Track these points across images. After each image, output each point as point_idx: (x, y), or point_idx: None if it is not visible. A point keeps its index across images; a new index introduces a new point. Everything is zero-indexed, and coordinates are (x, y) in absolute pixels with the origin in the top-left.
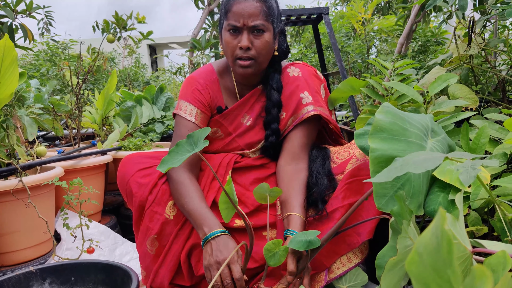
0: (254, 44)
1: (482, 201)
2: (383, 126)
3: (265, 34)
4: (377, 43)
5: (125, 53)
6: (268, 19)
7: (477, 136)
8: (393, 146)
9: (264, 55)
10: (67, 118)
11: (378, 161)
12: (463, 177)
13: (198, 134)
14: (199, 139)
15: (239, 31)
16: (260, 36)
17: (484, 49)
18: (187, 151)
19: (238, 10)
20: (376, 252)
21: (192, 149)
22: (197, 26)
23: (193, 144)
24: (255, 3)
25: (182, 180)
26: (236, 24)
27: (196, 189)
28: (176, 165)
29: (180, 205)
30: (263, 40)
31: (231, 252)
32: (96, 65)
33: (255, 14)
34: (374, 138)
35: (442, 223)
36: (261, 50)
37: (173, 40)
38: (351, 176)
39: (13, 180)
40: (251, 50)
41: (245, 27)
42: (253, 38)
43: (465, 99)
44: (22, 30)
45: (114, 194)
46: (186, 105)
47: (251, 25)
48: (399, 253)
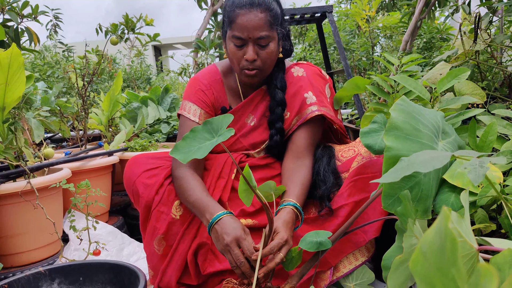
0: (259, 55)
1: (489, 198)
2: (397, 124)
3: (270, 44)
4: (382, 41)
5: (132, 55)
6: (273, 28)
7: (485, 133)
8: (407, 146)
9: (269, 64)
10: (74, 119)
11: (392, 161)
12: (471, 176)
13: (219, 121)
14: (220, 126)
15: (244, 42)
16: (265, 47)
17: (490, 45)
18: (205, 138)
19: (243, 22)
20: (383, 250)
21: (211, 137)
22: (201, 27)
23: (213, 132)
24: (259, 14)
25: (184, 175)
26: (241, 36)
27: (198, 183)
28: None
29: (184, 199)
30: (268, 51)
31: (237, 231)
32: (101, 67)
33: (260, 25)
34: (389, 136)
35: (445, 221)
36: (267, 60)
37: (178, 40)
38: (356, 174)
39: (22, 182)
40: (257, 61)
41: (250, 40)
42: (259, 49)
43: (472, 95)
44: (27, 33)
45: (121, 195)
46: (190, 105)
47: (256, 37)
48: (405, 252)
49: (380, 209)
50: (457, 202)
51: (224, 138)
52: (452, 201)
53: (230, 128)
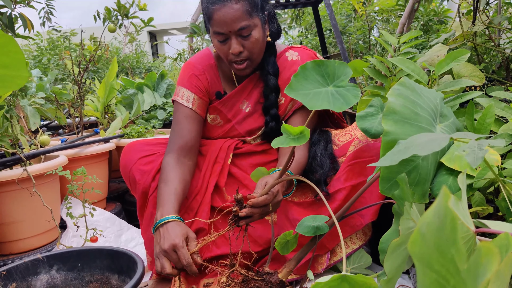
0: (244, 45)
1: (486, 181)
2: (395, 108)
3: (253, 32)
4: (379, 24)
5: (126, 41)
6: (253, 15)
7: (483, 116)
8: (405, 130)
9: (258, 52)
10: (70, 107)
11: (390, 145)
12: (469, 158)
13: (334, 66)
14: (337, 74)
15: (227, 37)
16: (249, 37)
17: (488, 27)
18: (317, 82)
19: (219, 17)
20: (380, 234)
21: (326, 84)
22: (196, 11)
23: (327, 78)
24: (234, 6)
25: (167, 165)
26: (221, 31)
27: (175, 175)
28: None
29: (158, 187)
30: (252, 40)
31: (177, 238)
32: (98, 54)
33: (237, 17)
34: (387, 120)
35: (445, 201)
36: (253, 49)
37: (173, 26)
38: (353, 158)
39: (18, 170)
40: (243, 53)
41: (231, 33)
42: (242, 40)
43: (470, 77)
44: (21, 19)
45: (119, 181)
46: (183, 91)
47: (236, 29)
48: (402, 234)
49: (377, 193)
50: (455, 185)
51: (343, 88)
52: (450, 184)
53: (354, 87)
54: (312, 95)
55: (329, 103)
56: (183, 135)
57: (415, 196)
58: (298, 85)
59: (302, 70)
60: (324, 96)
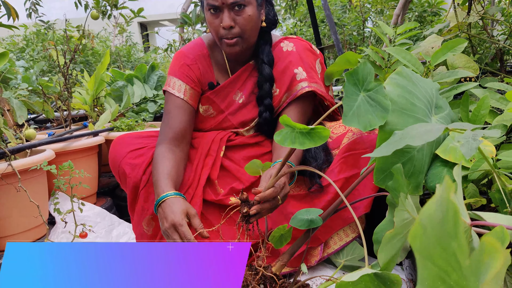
0: (236, 21)
1: (481, 173)
2: (393, 99)
3: (246, 8)
4: (373, 15)
5: (116, 32)
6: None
7: (478, 107)
8: (402, 120)
9: (250, 30)
10: (57, 99)
11: (387, 136)
12: (464, 149)
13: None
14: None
15: (219, 9)
16: (241, 12)
17: (482, 18)
18: (355, 94)
19: None
20: (374, 226)
21: (359, 91)
22: (187, 1)
23: (358, 85)
24: None
25: (159, 154)
26: (214, 3)
27: (167, 161)
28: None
29: (152, 177)
30: (245, 16)
31: (176, 215)
32: (83, 43)
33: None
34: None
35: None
36: (245, 26)
37: (164, 17)
38: (347, 150)
39: (2, 164)
40: (234, 28)
41: (224, 5)
42: (235, 15)
43: (465, 68)
44: (5, 7)
45: (109, 176)
46: (174, 80)
47: (229, 2)
48: (396, 226)
49: (371, 185)
50: (450, 176)
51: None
52: (444, 176)
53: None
54: (357, 111)
55: (373, 115)
56: (175, 126)
57: (410, 187)
58: (347, 107)
59: (344, 88)
60: (364, 108)
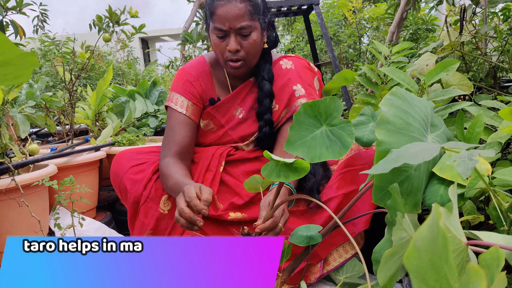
0: (242, 45)
1: (477, 191)
2: (387, 118)
3: (252, 34)
4: (369, 32)
5: (118, 47)
6: (254, 18)
7: (472, 125)
8: (398, 140)
9: (254, 54)
10: (60, 114)
11: (384, 155)
12: (460, 169)
13: (325, 103)
14: (331, 111)
15: (226, 34)
16: (247, 37)
17: (475, 36)
18: (313, 126)
19: (223, 13)
20: (373, 242)
21: (320, 124)
22: (188, 19)
23: (320, 118)
24: (238, 4)
25: (167, 164)
26: (222, 28)
27: (179, 168)
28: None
29: (166, 187)
30: (251, 41)
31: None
32: (91, 62)
33: (240, 15)
34: (380, 129)
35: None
36: (250, 50)
37: (165, 32)
38: (345, 166)
39: (6, 180)
40: (240, 52)
41: (231, 30)
42: (241, 40)
43: (459, 86)
44: (13, 26)
45: (109, 190)
46: (177, 97)
47: (237, 27)
48: (394, 245)
49: (370, 201)
50: (446, 194)
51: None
52: (441, 194)
53: (346, 121)
54: (310, 142)
55: (328, 149)
56: (178, 141)
57: (407, 206)
58: (295, 135)
59: (296, 117)
60: (320, 141)
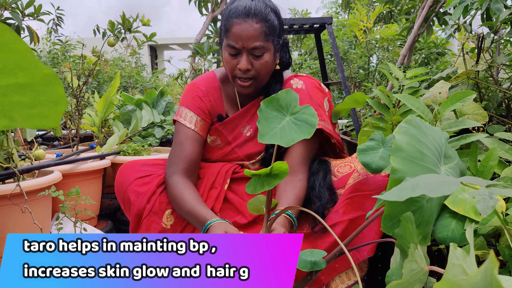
0: (253, 65)
1: (491, 228)
2: (402, 146)
3: (264, 55)
4: (379, 52)
5: (127, 53)
6: (268, 39)
7: (486, 158)
8: (412, 169)
9: (264, 75)
10: (67, 119)
11: (398, 183)
12: (480, 207)
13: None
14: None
15: (239, 52)
16: (259, 58)
17: (491, 66)
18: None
19: (238, 31)
20: (377, 268)
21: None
22: (200, 32)
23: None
24: (254, 25)
25: (177, 184)
26: (235, 45)
27: (192, 191)
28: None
29: (178, 208)
30: (262, 62)
31: (227, 228)
32: (97, 68)
33: (255, 36)
34: (395, 157)
35: (492, 267)
36: (261, 70)
37: (174, 41)
38: (352, 191)
39: (11, 185)
40: (251, 71)
41: (244, 49)
42: (253, 60)
43: (473, 115)
44: (28, 32)
45: (111, 198)
46: (186, 112)
47: (250, 47)
48: (405, 276)
49: (375, 228)
50: (458, 228)
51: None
52: (453, 228)
53: (305, 106)
54: (280, 131)
55: (297, 132)
56: (186, 157)
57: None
58: (265, 129)
59: (260, 113)
60: (289, 128)
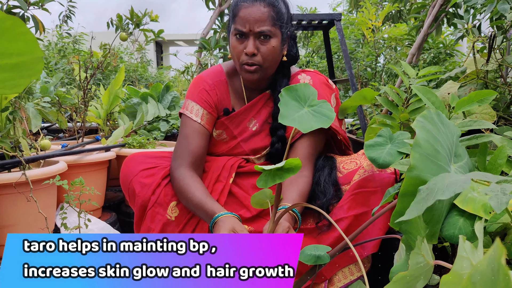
0: (260, 50)
1: (499, 225)
2: (420, 143)
3: (271, 40)
4: (386, 51)
5: (133, 48)
6: (276, 25)
7: (494, 156)
8: (427, 166)
9: (271, 61)
10: (73, 111)
11: (413, 182)
12: (493, 203)
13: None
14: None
15: (245, 36)
16: (266, 42)
17: (501, 65)
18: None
19: (245, 15)
20: (379, 265)
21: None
22: (207, 27)
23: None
24: (262, 8)
25: (184, 177)
26: (242, 29)
27: (199, 184)
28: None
29: (185, 201)
30: (269, 47)
31: (234, 224)
32: (107, 61)
33: (262, 19)
34: (415, 153)
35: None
36: (267, 56)
37: (180, 37)
38: (358, 187)
39: (16, 173)
40: (256, 56)
41: (251, 33)
42: (259, 44)
43: (481, 114)
44: (33, 21)
45: (115, 190)
46: (192, 105)
47: (257, 30)
48: (411, 268)
49: (380, 225)
50: (465, 226)
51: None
52: (460, 225)
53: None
54: (299, 118)
55: (315, 122)
56: (192, 150)
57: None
58: (287, 111)
59: (282, 97)
60: (307, 117)
